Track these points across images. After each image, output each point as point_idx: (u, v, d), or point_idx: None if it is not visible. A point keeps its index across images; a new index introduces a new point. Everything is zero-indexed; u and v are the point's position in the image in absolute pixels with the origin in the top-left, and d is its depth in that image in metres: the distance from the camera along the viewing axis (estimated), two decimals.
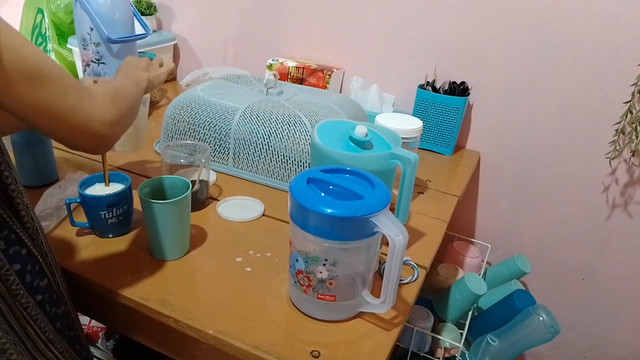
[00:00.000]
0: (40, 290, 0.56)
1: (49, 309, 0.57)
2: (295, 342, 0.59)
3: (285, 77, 1.33)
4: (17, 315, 0.52)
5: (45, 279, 0.57)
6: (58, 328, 0.59)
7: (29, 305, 0.53)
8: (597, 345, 1.33)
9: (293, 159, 0.91)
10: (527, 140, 1.19)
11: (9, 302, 0.51)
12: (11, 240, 0.52)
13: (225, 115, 0.95)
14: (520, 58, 1.13)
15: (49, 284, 0.58)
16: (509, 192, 1.27)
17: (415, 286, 0.72)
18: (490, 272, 1.26)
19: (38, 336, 0.55)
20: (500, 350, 1.00)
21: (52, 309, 0.58)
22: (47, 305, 0.57)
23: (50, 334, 0.57)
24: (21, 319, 0.53)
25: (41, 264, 0.57)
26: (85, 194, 0.72)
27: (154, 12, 1.51)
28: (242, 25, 1.45)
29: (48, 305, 0.57)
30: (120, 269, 0.69)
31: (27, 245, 0.54)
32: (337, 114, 0.95)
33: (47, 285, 0.57)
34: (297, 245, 0.60)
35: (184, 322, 0.61)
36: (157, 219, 0.68)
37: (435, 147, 1.22)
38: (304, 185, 0.58)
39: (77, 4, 0.99)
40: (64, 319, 0.60)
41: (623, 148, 1.08)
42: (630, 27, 1.00)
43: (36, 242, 0.57)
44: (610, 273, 1.23)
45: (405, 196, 0.72)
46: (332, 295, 0.60)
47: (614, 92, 1.06)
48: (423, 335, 1.03)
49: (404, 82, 1.27)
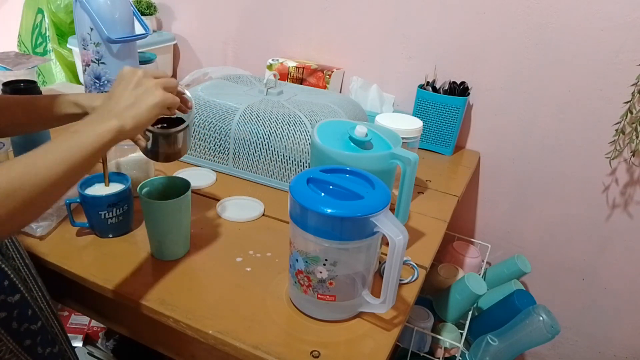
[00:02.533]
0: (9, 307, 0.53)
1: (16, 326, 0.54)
2: (295, 342, 0.59)
3: (285, 77, 1.33)
4: None
5: (18, 294, 0.55)
6: (27, 346, 0.56)
7: None
8: (597, 345, 1.33)
9: (293, 159, 0.91)
10: (527, 140, 1.19)
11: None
12: None
13: (225, 115, 0.95)
14: (520, 58, 1.13)
15: (23, 298, 0.56)
16: (509, 192, 1.27)
17: (415, 286, 0.72)
18: (490, 272, 1.26)
19: None
20: (500, 350, 1.00)
21: (23, 325, 0.55)
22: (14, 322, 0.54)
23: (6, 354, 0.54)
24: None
25: (11, 278, 0.54)
26: (85, 194, 0.72)
27: (154, 12, 1.51)
28: (242, 25, 1.45)
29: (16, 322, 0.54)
30: (120, 269, 0.69)
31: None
32: (337, 114, 0.95)
33: (19, 300, 0.55)
34: (297, 245, 0.60)
35: (184, 322, 0.61)
36: (157, 219, 0.68)
37: (435, 147, 1.22)
38: (304, 185, 0.58)
39: (77, 4, 0.99)
40: (39, 334, 0.58)
41: (623, 148, 1.08)
42: (630, 27, 1.00)
43: (7, 257, 0.55)
44: (610, 273, 1.23)
45: (405, 196, 0.72)
46: (332, 295, 0.60)
47: (614, 92, 1.06)
48: (423, 335, 1.03)
49: (404, 82, 1.27)
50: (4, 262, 0.54)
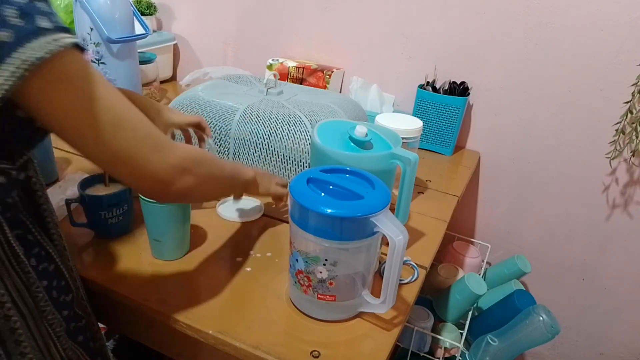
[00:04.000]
0: (66, 306, 0.57)
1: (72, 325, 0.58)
2: (295, 342, 0.59)
3: (285, 77, 1.33)
4: (42, 332, 0.53)
5: (70, 294, 0.58)
6: (80, 341, 0.60)
7: (54, 322, 0.54)
8: (597, 345, 1.33)
9: (293, 159, 0.91)
10: (527, 140, 1.19)
11: (36, 319, 0.52)
12: (41, 257, 0.53)
13: (225, 115, 0.95)
14: (520, 58, 1.13)
15: (73, 299, 0.59)
16: (509, 192, 1.27)
17: (415, 286, 0.72)
18: (490, 272, 1.26)
19: (59, 353, 0.56)
20: (500, 350, 1.00)
21: (71, 324, 0.58)
22: (72, 322, 0.58)
23: (69, 351, 0.57)
24: (45, 336, 0.54)
25: (67, 279, 0.58)
26: (85, 194, 0.72)
27: (154, 12, 1.51)
28: (242, 25, 1.45)
29: (72, 321, 0.58)
30: (120, 269, 0.69)
31: (55, 262, 0.56)
32: (337, 114, 0.95)
33: (71, 300, 0.58)
34: (297, 245, 0.60)
35: (184, 322, 0.61)
36: (157, 219, 0.68)
37: (435, 147, 1.22)
38: (304, 185, 0.58)
39: (77, 4, 0.99)
40: (87, 331, 0.61)
41: (623, 148, 1.08)
42: (630, 27, 1.00)
43: (63, 258, 0.58)
44: (610, 273, 1.23)
45: (405, 196, 0.72)
46: (332, 295, 0.60)
47: (614, 92, 1.06)
48: (423, 335, 1.03)
49: (404, 82, 1.27)
50: (63, 264, 0.57)
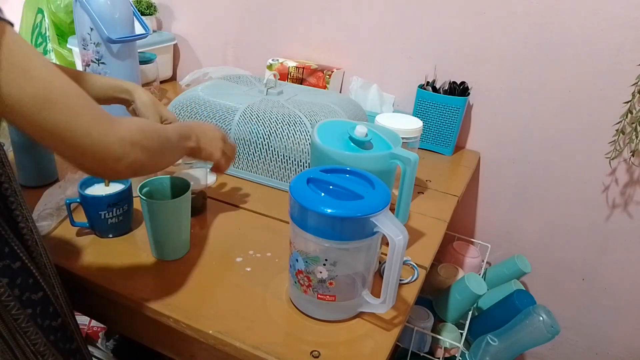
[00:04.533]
0: (33, 304, 0.55)
1: (41, 322, 0.56)
2: (295, 342, 0.59)
3: (285, 77, 1.33)
4: (9, 324, 0.52)
5: (41, 291, 0.56)
6: (52, 340, 0.58)
7: (19, 317, 0.53)
8: (597, 345, 1.33)
9: (293, 159, 0.91)
10: (527, 140, 1.19)
11: (0, 311, 0.51)
12: (3, 254, 0.51)
13: (225, 115, 0.95)
14: (520, 58, 1.13)
15: (45, 297, 0.57)
16: (509, 192, 1.27)
17: (415, 286, 0.72)
18: (490, 272, 1.26)
19: (28, 346, 0.55)
20: (500, 350, 1.00)
21: (45, 321, 0.57)
22: (38, 319, 0.56)
23: (41, 347, 0.56)
24: (12, 329, 0.53)
25: (36, 277, 0.55)
26: (85, 194, 0.72)
27: (154, 12, 1.51)
28: (242, 25, 1.45)
29: (40, 318, 0.56)
30: (120, 269, 0.69)
31: (21, 259, 0.53)
32: (337, 114, 0.95)
33: (42, 297, 0.56)
34: (297, 245, 0.60)
35: (184, 322, 0.61)
36: (157, 218, 0.68)
37: (435, 147, 1.22)
38: (304, 185, 0.58)
39: (77, 4, 0.99)
40: (59, 331, 0.59)
41: (623, 148, 1.08)
42: (630, 27, 1.00)
43: (34, 255, 0.56)
44: (610, 273, 1.23)
45: (405, 196, 0.72)
46: (332, 295, 0.60)
47: (614, 92, 1.06)
48: (423, 335, 1.03)
49: (404, 82, 1.27)
50: (30, 260, 0.55)
